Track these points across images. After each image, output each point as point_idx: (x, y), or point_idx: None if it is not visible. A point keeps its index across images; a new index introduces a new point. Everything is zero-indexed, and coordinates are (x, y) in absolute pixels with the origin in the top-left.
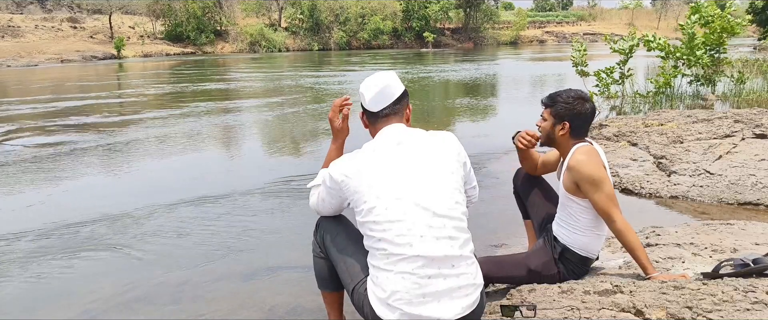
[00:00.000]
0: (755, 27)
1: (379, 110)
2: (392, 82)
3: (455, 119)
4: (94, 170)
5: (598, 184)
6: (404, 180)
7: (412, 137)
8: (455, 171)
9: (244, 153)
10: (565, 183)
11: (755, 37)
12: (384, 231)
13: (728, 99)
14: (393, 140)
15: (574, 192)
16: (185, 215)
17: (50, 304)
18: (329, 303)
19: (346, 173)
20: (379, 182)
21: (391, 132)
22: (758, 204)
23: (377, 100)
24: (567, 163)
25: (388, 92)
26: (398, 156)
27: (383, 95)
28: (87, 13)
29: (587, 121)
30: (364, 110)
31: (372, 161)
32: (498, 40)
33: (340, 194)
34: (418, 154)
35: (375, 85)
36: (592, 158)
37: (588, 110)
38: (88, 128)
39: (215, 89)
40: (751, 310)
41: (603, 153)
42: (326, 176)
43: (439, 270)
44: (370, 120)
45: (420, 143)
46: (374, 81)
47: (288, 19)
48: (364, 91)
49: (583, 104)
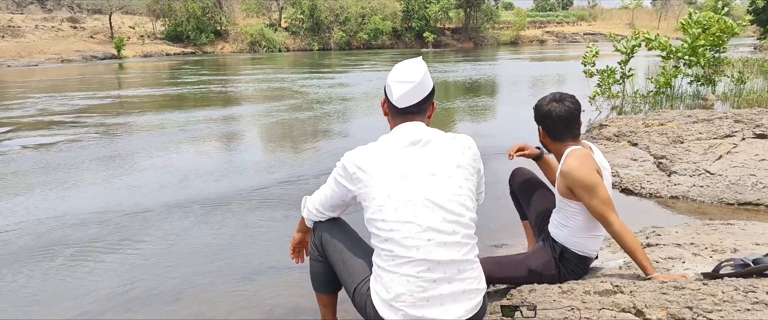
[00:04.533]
0: (755, 27)
1: (404, 108)
2: (425, 79)
3: (456, 119)
4: (92, 170)
5: (591, 189)
6: (417, 182)
7: (430, 137)
8: (469, 177)
9: (244, 153)
10: (559, 188)
11: (755, 37)
12: (391, 232)
13: (728, 99)
14: (410, 139)
15: (569, 196)
16: (185, 215)
17: (50, 304)
18: (325, 305)
19: (359, 164)
20: (391, 181)
21: (409, 130)
22: (758, 204)
23: (406, 98)
24: (560, 168)
25: (420, 90)
26: (413, 156)
27: (414, 94)
28: (87, 13)
29: (560, 122)
30: (388, 100)
31: (386, 158)
32: (498, 40)
33: (348, 184)
34: (434, 156)
35: (407, 80)
36: (584, 162)
37: (557, 110)
38: (87, 128)
39: (215, 89)
40: (752, 310)
41: (600, 155)
42: (339, 165)
43: (444, 274)
44: (392, 113)
45: (437, 145)
46: (406, 75)
47: (288, 19)
48: (393, 86)
49: (553, 104)
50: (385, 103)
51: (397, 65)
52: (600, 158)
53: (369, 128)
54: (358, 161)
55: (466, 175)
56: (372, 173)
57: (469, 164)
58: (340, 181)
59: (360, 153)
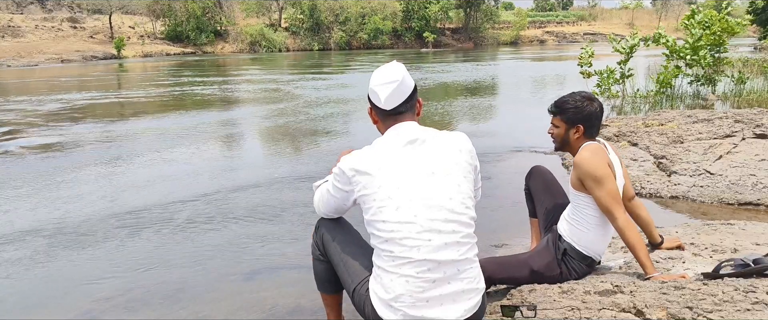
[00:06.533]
0: (755, 27)
1: (393, 108)
2: (405, 78)
3: (456, 119)
4: (92, 170)
5: (599, 181)
6: (416, 182)
7: (425, 136)
8: (467, 175)
9: (244, 153)
10: (571, 179)
11: (755, 37)
12: (392, 233)
13: (729, 99)
14: (405, 139)
15: (579, 188)
16: (185, 214)
17: (50, 304)
18: (328, 305)
19: (357, 168)
20: (391, 182)
21: (403, 130)
22: (758, 204)
23: (391, 99)
24: (574, 160)
25: (403, 89)
26: (411, 156)
27: (398, 93)
28: (87, 13)
29: (598, 119)
30: (375, 107)
31: (384, 159)
32: (498, 40)
33: (348, 188)
34: (431, 155)
35: (389, 82)
36: (596, 155)
37: (597, 109)
38: (87, 127)
39: (215, 89)
40: (752, 310)
41: (613, 152)
42: (337, 170)
43: (444, 274)
44: (382, 117)
45: (433, 144)
46: (387, 77)
47: (288, 20)
48: (377, 89)
49: (591, 104)
50: (372, 110)
51: (376, 71)
52: (614, 157)
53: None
54: (355, 165)
55: (464, 173)
56: (371, 175)
57: (466, 162)
58: (339, 186)
59: (357, 157)
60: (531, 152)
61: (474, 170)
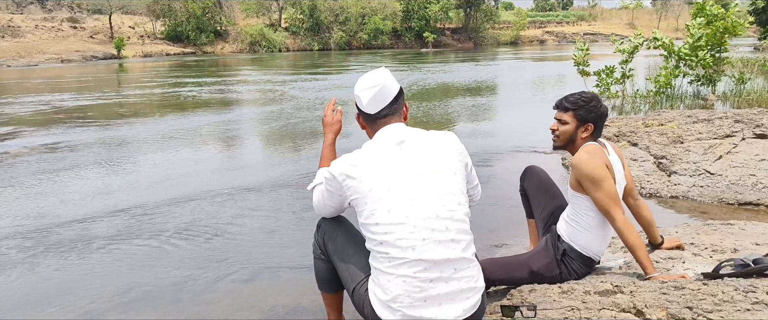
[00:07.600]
0: (756, 27)
1: (377, 112)
2: (388, 81)
3: (457, 119)
4: (92, 170)
5: (597, 182)
6: (406, 182)
7: (413, 137)
8: (458, 172)
9: (243, 153)
10: (570, 180)
11: (756, 37)
12: (386, 234)
13: (729, 99)
14: (394, 140)
15: (577, 189)
16: (185, 214)
17: (50, 304)
18: (329, 304)
19: (347, 172)
20: (381, 184)
21: (391, 132)
22: (758, 204)
23: (375, 102)
24: (572, 161)
25: (385, 92)
26: (400, 157)
27: (381, 96)
28: (87, 13)
29: (604, 121)
30: (361, 112)
31: (373, 162)
32: (498, 40)
33: (340, 193)
34: (420, 155)
35: (371, 86)
36: (593, 156)
37: (606, 109)
38: (87, 127)
39: (215, 89)
40: (752, 310)
41: (614, 152)
42: (327, 175)
43: (441, 273)
44: (368, 122)
45: (422, 144)
46: (369, 82)
47: (288, 20)
48: (360, 94)
49: (602, 104)
50: (360, 116)
51: (360, 77)
52: (614, 158)
53: None
54: (345, 169)
55: (454, 170)
56: (361, 179)
57: (455, 160)
58: (331, 191)
59: (346, 161)
60: (531, 152)
61: (465, 168)
